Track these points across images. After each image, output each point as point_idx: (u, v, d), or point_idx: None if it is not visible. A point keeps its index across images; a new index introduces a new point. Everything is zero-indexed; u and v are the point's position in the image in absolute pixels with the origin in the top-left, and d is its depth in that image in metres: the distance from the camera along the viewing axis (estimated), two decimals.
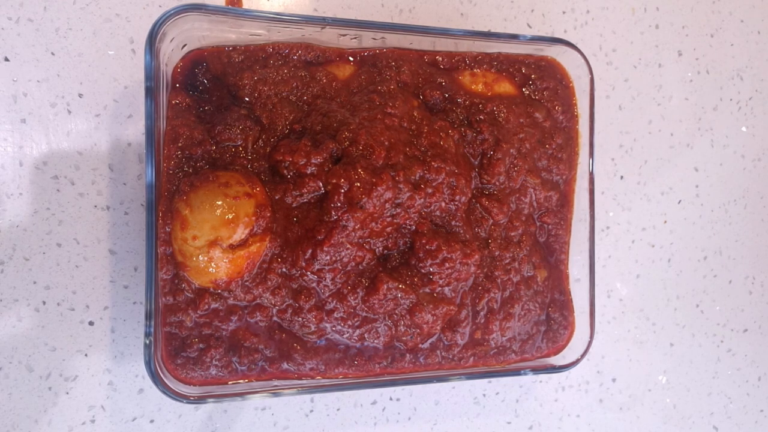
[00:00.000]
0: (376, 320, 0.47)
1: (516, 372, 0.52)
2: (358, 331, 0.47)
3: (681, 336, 0.69)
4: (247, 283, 0.45)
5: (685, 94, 0.68)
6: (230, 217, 0.43)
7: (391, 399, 0.59)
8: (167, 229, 0.43)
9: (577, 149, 0.55)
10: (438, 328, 0.48)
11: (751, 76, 0.70)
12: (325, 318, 0.46)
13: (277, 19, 0.44)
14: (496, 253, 0.51)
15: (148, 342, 0.41)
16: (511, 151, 0.51)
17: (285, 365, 0.47)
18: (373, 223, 0.45)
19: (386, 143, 0.46)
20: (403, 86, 0.49)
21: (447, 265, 0.47)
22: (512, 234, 0.52)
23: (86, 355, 0.51)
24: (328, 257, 0.44)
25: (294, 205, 0.46)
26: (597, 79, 0.54)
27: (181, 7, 0.41)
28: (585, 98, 0.54)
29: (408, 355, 0.49)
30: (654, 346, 0.68)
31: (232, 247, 0.43)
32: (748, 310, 0.72)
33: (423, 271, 0.47)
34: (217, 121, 0.46)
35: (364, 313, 0.46)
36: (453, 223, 0.49)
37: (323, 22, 0.45)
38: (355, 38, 0.49)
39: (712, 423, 0.71)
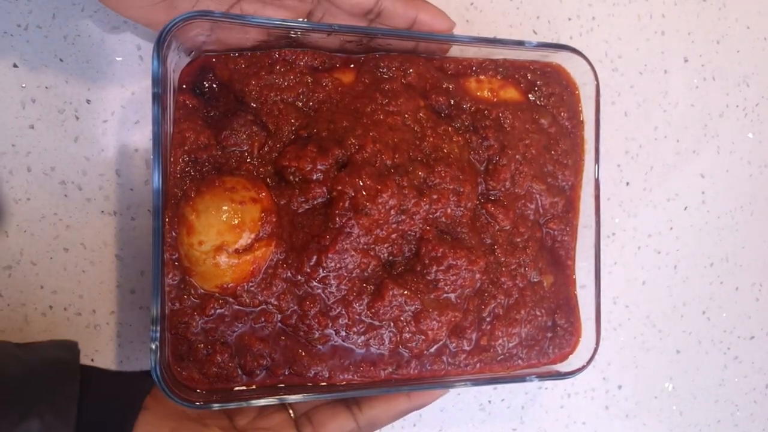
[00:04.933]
0: (381, 327, 0.47)
1: (522, 378, 0.51)
2: (363, 338, 0.47)
3: (687, 343, 0.69)
4: (252, 289, 0.45)
5: (691, 100, 0.68)
6: (236, 222, 0.43)
7: None
8: (173, 234, 0.43)
9: (583, 155, 0.55)
10: (443, 334, 0.48)
11: (758, 82, 0.70)
12: (330, 324, 0.46)
13: (284, 26, 0.45)
14: (502, 259, 0.51)
15: (154, 347, 0.41)
16: (517, 156, 0.51)
17: (290, 371, 0.47)
18: (378, 230, 0.45)
19: (391, 144, 0.46)
20: (409, 87, 0.50)
21: (452, 271, 0.47)
22: (518, 240, 0.52)
23: (92, 360, 0.51)
24: (333, 264, 0.44)
25: (299, 210, 0.46)
26: (603, 86, 0.54)
27: (189, 15, 0.41)
28: (591, 104, 0.54)
29: (413, 361, 0.49)
30: (660, 353, 0.68)
31: (238, 252, 0.44)
32: (755, 317, 0.72)
33: (428, 277, 0.47)
34: (223, 126, 0.46)
35: (369, 320, 0.46)
36: (458, 229, 0.49)
37: (330, 29, 0.46)
38: (361, 45, 0.49)
39: (719, 431, 0.71)
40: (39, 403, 0.35)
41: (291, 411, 0.47)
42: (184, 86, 0.46)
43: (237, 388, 0.46)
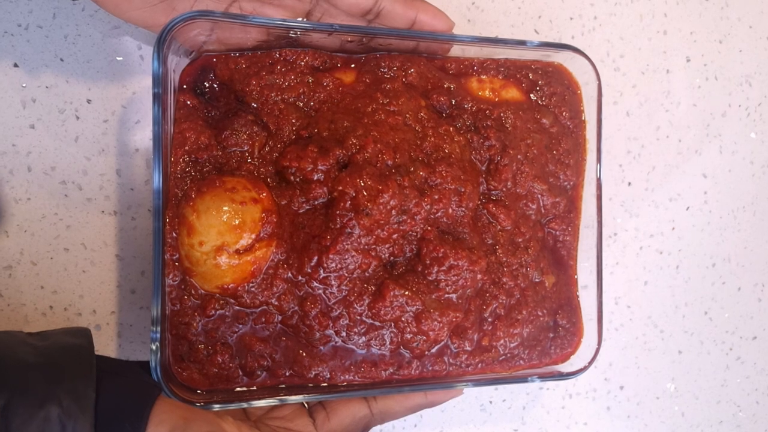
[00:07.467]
0: (382, 327, 0.47)
1: (523, 379, 0.51)
2: (364, 338, 0.47)
3: (689, 343, 0.69)
4: (253, 289, 0.45)
5: (694, 100, 0.68)
6: (237, 222, 0.43)
7: None
8: (174, 235, 0.43)
9: (585, 155, 0.55)
10: (444, 335, 0.48)
11: (760, 81, 0.70)
12: (331, 325, 0.46)
13: (285, 26, 0.45)
14: (504, 260, 0.51)
15: (154, 347, 0.41)
16: (518, 156, 0.51)
17: (291, 371, 0.46)
18: (379, 230, 0.45)
19: (392, 144, 0.46)
20: (410, 87, 0.49)
21: (453, 272, 0.47)
22: (519, 240, 0.51)
23: None
24: (333, 264, 0.44)
25: (300, 211, 0.46)
26: (604, 85, 0.54)
27: (189, 14, 0.41)
28: (592, 104, 0.54)
29: (415, 361, 0.49)
30: (662, 353, 0.67)
31: (239, 253, 0.43)
32: (757, 317, 0.72)
33: (429, 278, 0.47)
34: (224, 126, 0.46)
35: (370, 320, 0.46)
36: (460, 229, 0.49)
37: (331, 28, 0.46)
38: (362, 45, 0.49)
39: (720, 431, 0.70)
40: (57, 389, 0.35)
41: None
42: (185, 86, 0.46)
43: (238, 389, 0.46)
